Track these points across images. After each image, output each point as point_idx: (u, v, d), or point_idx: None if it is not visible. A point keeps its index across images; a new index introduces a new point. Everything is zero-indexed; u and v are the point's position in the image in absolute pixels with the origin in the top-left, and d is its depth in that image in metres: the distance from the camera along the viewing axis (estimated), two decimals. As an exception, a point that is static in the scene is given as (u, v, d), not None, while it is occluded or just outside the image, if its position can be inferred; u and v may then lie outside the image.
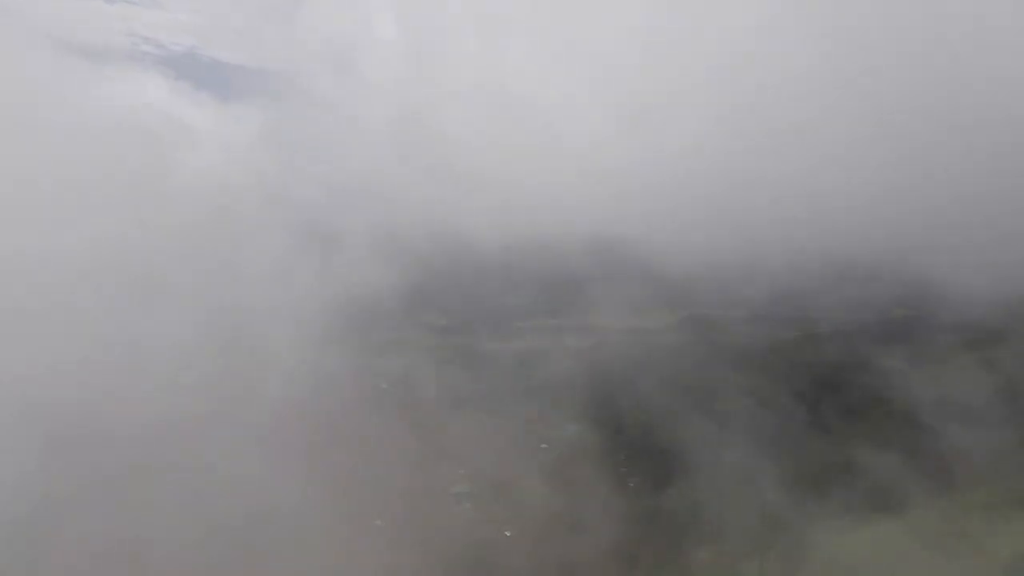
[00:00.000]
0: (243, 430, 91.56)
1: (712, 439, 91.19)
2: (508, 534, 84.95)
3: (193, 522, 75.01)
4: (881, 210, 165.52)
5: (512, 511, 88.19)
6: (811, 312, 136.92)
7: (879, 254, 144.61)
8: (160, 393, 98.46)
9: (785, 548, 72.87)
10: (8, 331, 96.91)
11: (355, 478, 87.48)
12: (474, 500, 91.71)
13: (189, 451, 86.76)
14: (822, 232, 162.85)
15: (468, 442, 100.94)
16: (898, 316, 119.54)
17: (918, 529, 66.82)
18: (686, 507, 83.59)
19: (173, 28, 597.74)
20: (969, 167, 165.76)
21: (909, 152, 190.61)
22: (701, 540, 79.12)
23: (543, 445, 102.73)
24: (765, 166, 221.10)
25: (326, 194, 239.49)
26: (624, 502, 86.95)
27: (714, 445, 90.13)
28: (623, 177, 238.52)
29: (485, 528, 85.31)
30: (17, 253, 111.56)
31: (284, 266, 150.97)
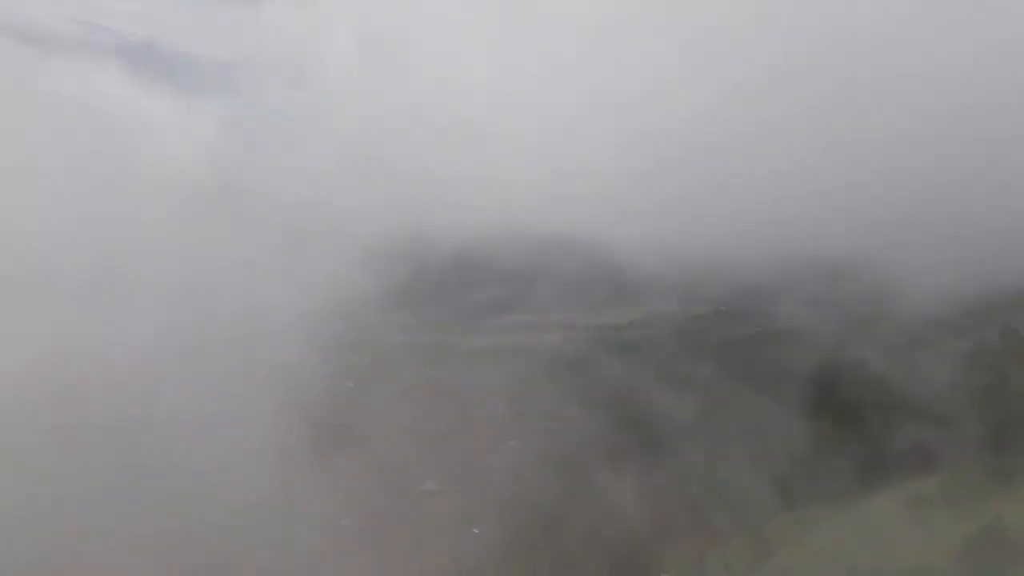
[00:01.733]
0: (205, 430, 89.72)
1: (678, 434, 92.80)
2: (477, 531, 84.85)
3: (151, 526, 73.52)
4: (842, 208, 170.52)
5: (482, 509, 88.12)
6: (772, 309, 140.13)
7: (840, 251, 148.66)
8: (123, 390, 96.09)
9: (749, 538, 74.65)
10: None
11: (322, 477, 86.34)
12: (443, 498, 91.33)
13: (150, 451, 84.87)
14: (783, 229, 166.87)
15: (437, 440, 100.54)
16: (859, 312, 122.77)
17: (876, 517, 69.17)
18: (654, 500, 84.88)
19: (128, 17, 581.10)
20: (931, 169, 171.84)
21: (873, 153, 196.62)
22: (669, 532, 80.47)
23: (511, 442, 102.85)
24: (727, 165, 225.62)
25: (290, 191, 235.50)
26: (593, 498, 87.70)
27: (680, 440, 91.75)
28: (587, 176, 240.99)
29: (455, 526, 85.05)
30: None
31: (249, 263, 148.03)
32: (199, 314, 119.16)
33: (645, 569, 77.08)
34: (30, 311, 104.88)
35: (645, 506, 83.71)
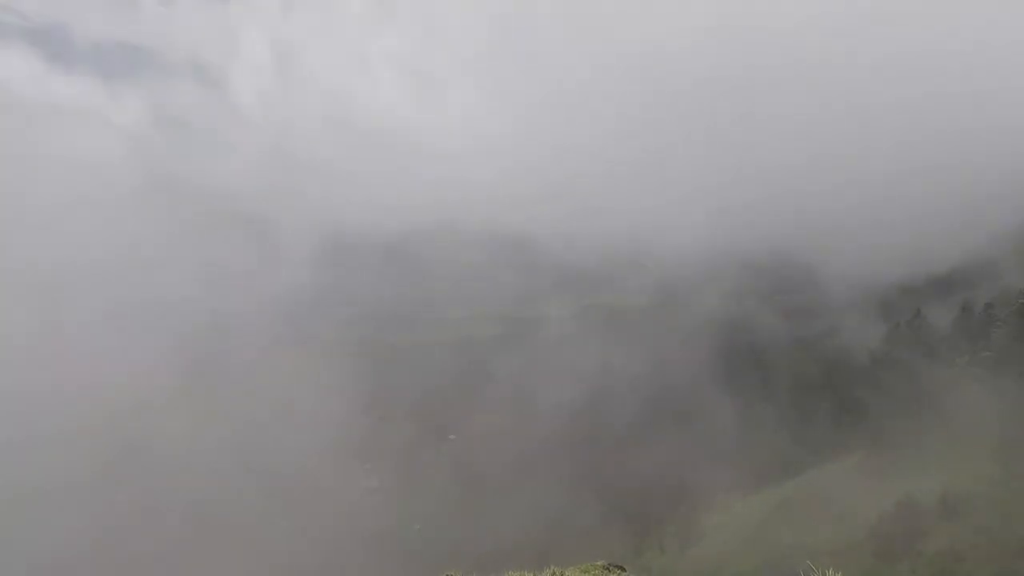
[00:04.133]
0: (138, 428, 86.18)
1: (618, 423, 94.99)
2: (418, 528, 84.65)
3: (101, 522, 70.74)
4: (761, 207, 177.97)
5: (422, 504, 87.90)
6: (700, 300, 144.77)
7: (758, 246, 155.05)
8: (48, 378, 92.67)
9: (682, 521, 77.46)
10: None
11: (265, 476, 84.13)
12: (384, 494, 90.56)
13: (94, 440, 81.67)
14: (703, 227, 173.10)
15: (377, 436, 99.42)
16: (781, 302, 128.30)
17: (798, 497, 73.08)
18: (591, 490, 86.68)
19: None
20: (845, 168, 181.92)
21: (791, 156, 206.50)
22: (605, 518, 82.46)
23: (452, 436, 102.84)
24: (649, 171, 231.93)
25: (216, 183, 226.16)
26: (531, 491, 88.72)
27: (619, 428, 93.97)
28: (516, 180, 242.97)
29: (396, 522, 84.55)
30: None
31: (180, 255, 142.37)
32: (128, 304, 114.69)
33: (578, 556, 78.67)
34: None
35: (584, 495, 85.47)
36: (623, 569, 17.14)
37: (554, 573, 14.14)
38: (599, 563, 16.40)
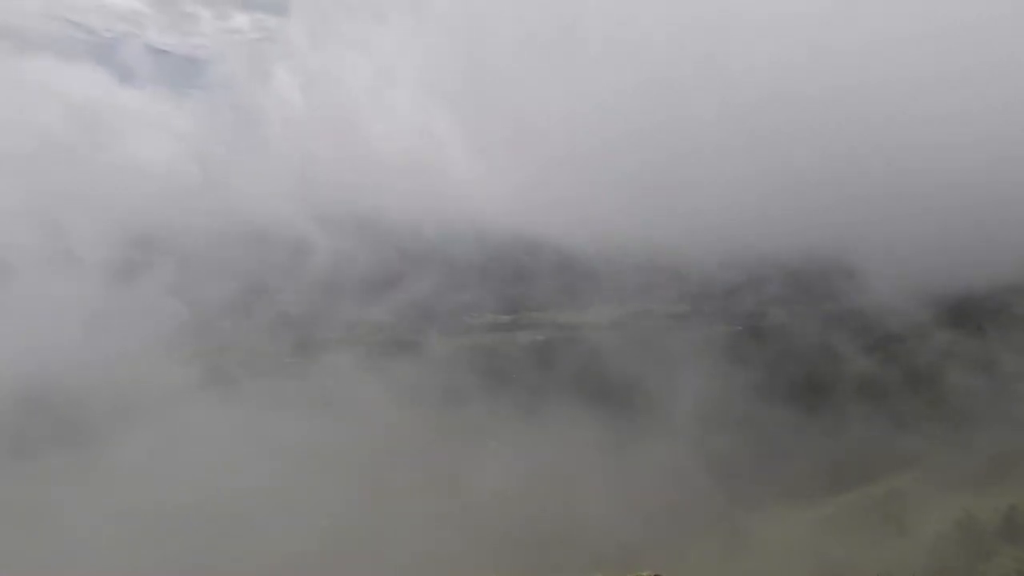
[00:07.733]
0: (182, 429, 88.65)
1: (659, 431, 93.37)
2: (453, 533, 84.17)
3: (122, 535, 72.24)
4: (805, 209, 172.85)
5: (460, 510, 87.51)
6: (742, 308, 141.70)
7: (803, 250, 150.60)
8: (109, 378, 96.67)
9: (726, 533, 75.47)
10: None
11: (299, 480, 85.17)
12: (421, 499, 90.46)
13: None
14: (743, 232, 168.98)
15: (416, 441, 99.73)
16: (830, 311, 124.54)
17: (851, 512, 70.52)
18: (632, 496, 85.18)
19: (104, 13, 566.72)
20: (900, 171, 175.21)
21: (832, 157, 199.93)
22: (642, 529, 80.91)
23: (492, 442, 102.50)
24: (688, 173, 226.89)
25: (277, 187, 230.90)
26: (572, 497, 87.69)
27: (662, 436, 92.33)
28: (551, 184, 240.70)
29: (432, 528, 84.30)
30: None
31: (234, 260, 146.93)
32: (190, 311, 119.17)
33: (623, 565, 77.13)
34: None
35: (623, 502, 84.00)
36: (667, 580, 16.42)
37: (599, 580, 13.66)
38: (645, 573, 15.77)
